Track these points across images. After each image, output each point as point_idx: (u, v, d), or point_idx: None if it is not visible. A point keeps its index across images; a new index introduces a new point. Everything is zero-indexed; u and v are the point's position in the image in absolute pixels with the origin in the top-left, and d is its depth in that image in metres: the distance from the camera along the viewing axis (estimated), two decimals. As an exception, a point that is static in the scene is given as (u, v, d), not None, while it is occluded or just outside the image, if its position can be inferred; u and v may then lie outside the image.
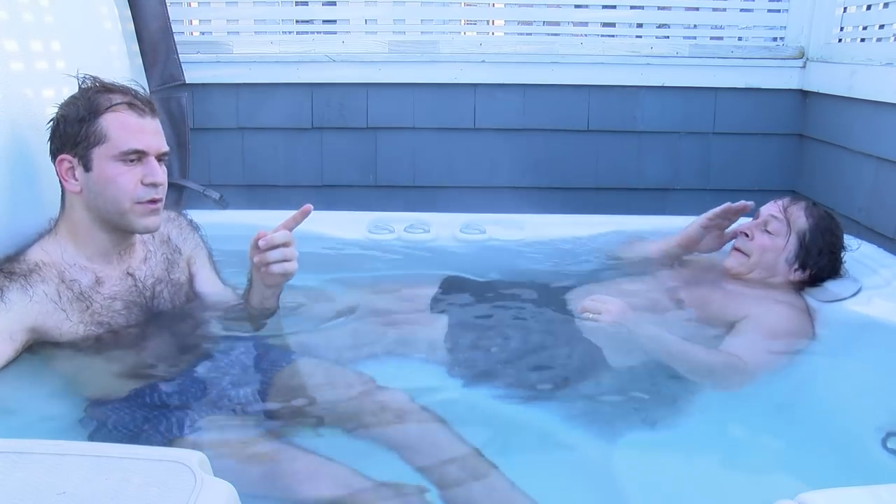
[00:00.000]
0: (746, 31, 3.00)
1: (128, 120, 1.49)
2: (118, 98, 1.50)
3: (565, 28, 2.92)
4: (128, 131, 1.48)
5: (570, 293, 2.00)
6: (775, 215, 1.94)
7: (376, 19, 2.94)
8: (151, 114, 1.53)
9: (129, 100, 1.50)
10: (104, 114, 1.47)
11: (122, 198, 1.49)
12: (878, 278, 1.94)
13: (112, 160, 1.47)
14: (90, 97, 1.50)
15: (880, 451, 1.38)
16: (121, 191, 1.48)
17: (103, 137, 1.47)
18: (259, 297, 1.63)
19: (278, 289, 1.63)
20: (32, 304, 1.43)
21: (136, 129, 1.49)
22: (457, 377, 1.65)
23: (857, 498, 0.92)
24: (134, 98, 1.51)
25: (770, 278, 1.95)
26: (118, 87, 1.53)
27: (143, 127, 1.50)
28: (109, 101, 1.49)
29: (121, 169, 1.48)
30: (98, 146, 1.47)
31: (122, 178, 1.48)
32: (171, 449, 1.02)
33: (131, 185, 1.49)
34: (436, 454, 1.30)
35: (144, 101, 1.53)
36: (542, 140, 2.90)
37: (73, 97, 1.53)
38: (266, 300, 1.64)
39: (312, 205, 1.53)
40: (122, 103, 1.49)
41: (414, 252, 2.39)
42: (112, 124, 1.47)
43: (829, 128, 2.67)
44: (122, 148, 1.47)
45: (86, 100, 1.49)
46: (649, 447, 1.45)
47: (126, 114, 1.49)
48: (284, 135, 2.88)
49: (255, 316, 1.67)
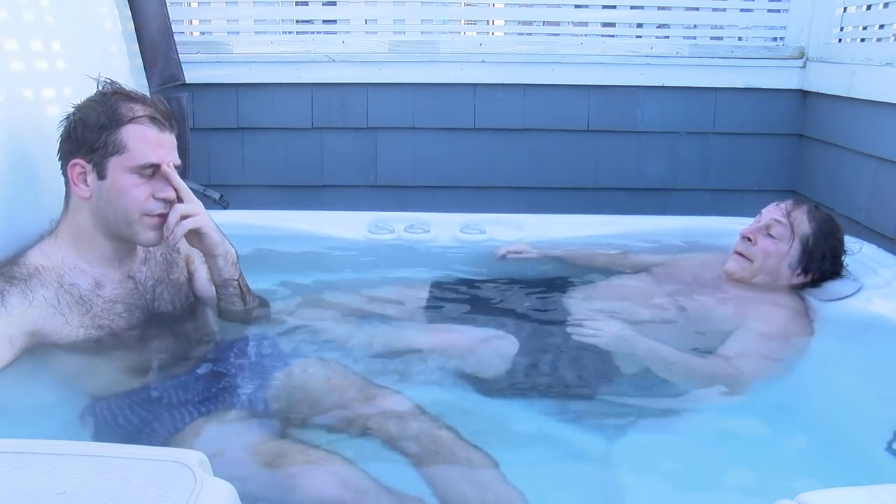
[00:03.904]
0: (746, 31, 3.00)
1: (148, 134, 1.48)
2: (141, 110, 1.49)
3: (565, 28, 2.92)
4: (148, 145, 1.47)
5: (568, 295, 2.00)
6: (779, 219, 1.92)
7: (376, 19, 2.95)
8: (170, 129, 1.53)
9: (150, 112, 1.49)
10: (127, 125, 1.46)
11: (133, 209, 1.49)
12: (879, 278, 1.94)
13: (128, 172, 1.47)
14: (112, 104, 1.48)
15: (880, 451, 1.38)
16: (133, 202, 1.48)
17: (122, 148, 1.46)
18: (214, 270, 1.63)
19: (217, 251, 1.60)
20: (32, 308, 1.42)
21: (155, 144, 1.49)
22: (457, 378, 1.65)
23: (857, 498, 0.92)
24: (156, 111, 1.50)
25: (772, 282, 1.94)
26: (140, 96, 1.52)
27: (161, 141, 1.50)
28: (133, 111, 1.48)
29: (135, 181, 1.47)
30: (115, 156, 1.46)
31: (136, 189, 1.48)
32: (171, 449, 1.02)
33: (143, 198, 1.49)
34: (436, 455, 1.30)
35: (165, 115, 1.52)
36: (542, 140, 2.90)
37: (92, 101, 1.50)
38: (221, 271, 1.63)
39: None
40: (145, 116, 1.48)
41: (414, 252, 2.39)
42: (133, 136, 1.46)
43: (829, 128, 2.67)
44: (139, 161, 1.47)
45: (107, 107, 1.48)
46: (649, 447, 1.45)
47: (147, 127, 1.48)
48: (284, 135, 2.88)
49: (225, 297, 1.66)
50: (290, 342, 1.71)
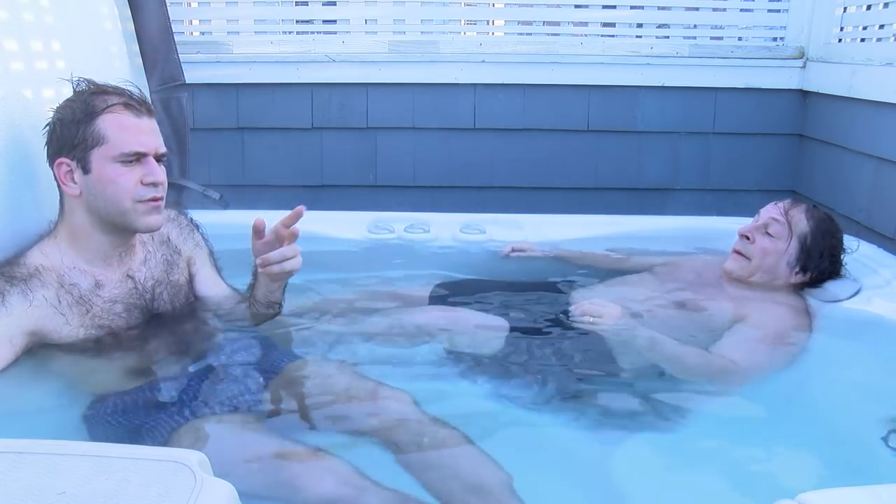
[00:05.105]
0: (746, 31, 3.00)
1: (125, 120, 1.48)
2: (114, 99, 1.49)
3: (565, 28, 2.92)
4: (126, 132, 1.47)
5: (570, 294, 2.00)
6: (776, 218, 1.93)
7: (376, 19, 2.95)
8: (148, 114, 1.52)
9: (124, 100, 1.49)
10: (101, 115, 1.46)
11: (123, 197, 1.48)
12: (878, 278, 1.94)
13: (111, 161, 1.47)
14: (85, 99, 1.48)
15: (880, 451, 1.38)
16: (121, 191, 1.48)
17: (101, 139, 1.46)
18: (264, 290, 1.64)
19: (283, 283, 1.64)
20: (32, 308, 1.43)
21: (134, 130, 1.48)
22: (457, 378, 1.65)
23: (857, 498, 0.92)
24: (129, 98, 1.50)
25: (771, 281, 1.94)
26: (112, 88, 1.52)
27: (140, 127, 1.49)
28: (105, 102, 1.48)
29: (120, 170, 1.47)
30: (96, 148, 1.46)
31: (122, 178, 1.47)
32: (171, 449, 1.02)
33: (131, 185, 1.48)
34: (436, 456, 1.30)
35: (140, 102, 1.52)
36: (542, 140, 2.90)
37: (68, 100, 1.52)
38: (271, 293, 1.65)
39: (306, 206, 1.53)
40: (119, 104, 1.48)
41: (414, 252, 2.39)
42: (110, 125, 1.46)
43: (829, 128, 2.67)
44: (122, 149, 1.47)
45: (81, 102, 1.48)
46: (649, 447, 1.45)
47: (123, 114, 1.48)
48: (284, 135, 2.88)
49: (260, 310, 1.68)
50: (290, 342, 1.71)
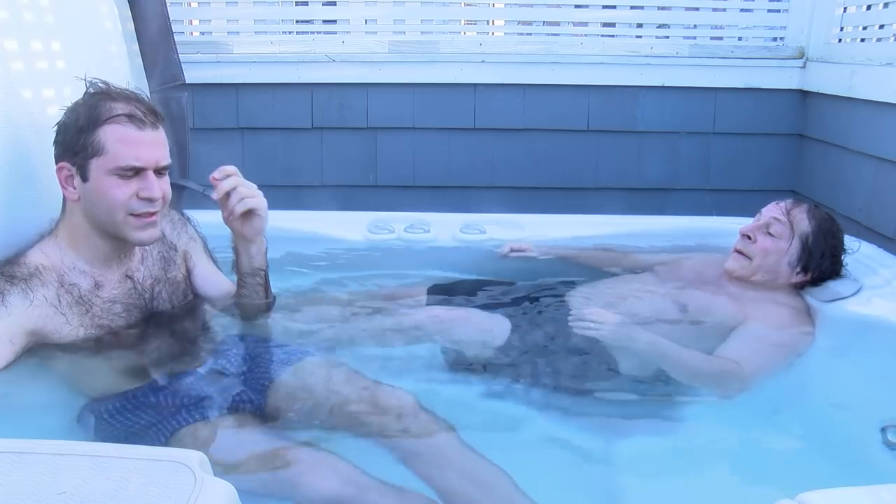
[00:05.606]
0: (746, 31, 3.00)
1: (126, 133, 1.45)
2: (120, 108, 1.46)
3: (565, 28, 2.92)
4: (125, 145, 1.45)
5: (570, 294, 2.00)
6: (778, 218, 1.93)
7: (376, 19, 2.94)
8: (153, 125, 1.49)
9: (130, 111, 1.46)
10: (103, 125, 1.44)
11: (116, 210, 1.47)
12: (878, 278, 1.94)
13: (108, 173, 1.45)
14: (92, 105, 1.46)
15: (880, 451, 1.38)
16: (115, 203, 1.46)
17: (101, 150, 1.44)
18: (246, 257, 1.66)
19: (258, 237, 1.66)
20: (33, 308, 1.43)
21: (134, 143, 1.46)
22: (457, 377, 1.65)
23: (857, 498, 0.92)
24: (136, 108, 1.47)
25: (772, 281, 1.94)
26: (123, 94, 1.49)
27: (142, 140, 1.46)
28: (110, 111, 1.45)
29: (116, 182, 1.45)
30: (95, 158, 1.45)
31: (117, 190, 1.46)
32: (171, 449, 1.02)
33: (125, 198, 1.46)
34: (436, 457, 1.30)
35: (147, 112, 1.49)
36: (542, 140, 2.90)
37: (76, 104, 1.50)
38: (253, 259, 1.67)
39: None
40: (123, 115, 1.45)
41: (414, 252, 2.39)
42: (110, 137, 1.44)
43: (829, 128, 2.67)
44: (118, 163, 1.44)
45: (87, 107, 1.46)
46: (649, 447, 1.45)
47: (125, 126, 1.45)
48: (284, 135, 2.88)
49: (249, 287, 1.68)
50: (291, 341, 1.71)
